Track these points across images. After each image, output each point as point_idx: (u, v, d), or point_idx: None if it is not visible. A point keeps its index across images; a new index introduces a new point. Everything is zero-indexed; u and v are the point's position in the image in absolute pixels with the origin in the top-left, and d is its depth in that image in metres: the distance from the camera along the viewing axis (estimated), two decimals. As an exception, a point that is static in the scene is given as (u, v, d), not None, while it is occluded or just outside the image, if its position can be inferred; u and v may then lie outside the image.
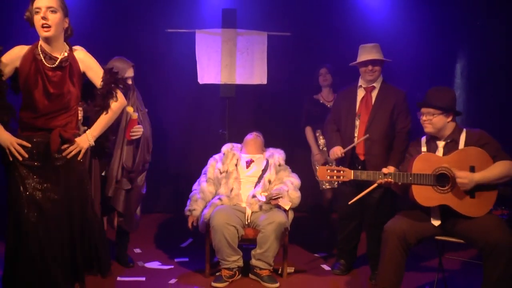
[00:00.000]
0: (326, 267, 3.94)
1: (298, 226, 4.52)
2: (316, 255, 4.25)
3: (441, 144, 3.07)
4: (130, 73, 3.63)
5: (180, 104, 5.63)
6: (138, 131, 3.65)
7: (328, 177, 3.17)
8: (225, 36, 4.78)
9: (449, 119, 3.04)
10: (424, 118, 3.08)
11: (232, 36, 4.77)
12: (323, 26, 5.60)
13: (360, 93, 3.74)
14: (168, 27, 5.01)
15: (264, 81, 4.89)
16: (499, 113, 5.27)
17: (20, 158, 2.61)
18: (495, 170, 2.89)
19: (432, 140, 3.13)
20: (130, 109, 3.52)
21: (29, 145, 2.62)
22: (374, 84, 3.70)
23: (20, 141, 2.62)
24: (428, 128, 3.08)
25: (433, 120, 3.04)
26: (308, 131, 4.81)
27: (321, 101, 4.80)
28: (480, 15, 5.44)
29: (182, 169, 5.54)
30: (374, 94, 3.69)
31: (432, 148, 3.11)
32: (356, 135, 3.66)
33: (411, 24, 5.61)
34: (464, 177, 2.86)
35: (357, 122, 3.68)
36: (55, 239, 2.64)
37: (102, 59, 3.08)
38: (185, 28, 4.98)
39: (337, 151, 3.64)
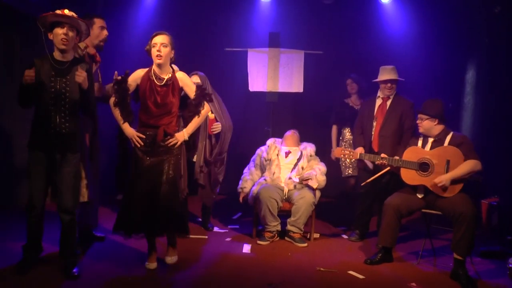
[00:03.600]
0: (344, 236, 4.85)
1: (325, 208, 5.40)
2: (338, 228, 5.14)
3: (430, 140, 4.02)
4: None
5: (234, 107, 6.04)
6: (217, 127, 4.42)
7: (342, 156, 4.23)
8: (271, 54, 5.65)
9: (435, 123, 3.96)
10: (417, 121, 4.06)
11: (276, 54, 5.64)
12: (349, 45, 6.29)
13: (378, 102, 4.65)
14: (226, 46, 5.84)
15: (301, 90, 5.69)
16: (505, 118, 5.63)
17: (138, 145, 3.52)
18: (463, 168, 3.77)
19: (425, 137, 4.07)
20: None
21: (144, 137, 3.52)
22: (390, 96, 4.62)
23: (139, 134, 3.52)
24: (420, 129, 4.06)
25: (422, 123, 4.01)
26: (334, 129, 5.48)
27: (350, 104, 5.46)
28: (486, 31, 5.91)
29: (235, 159, 6.09)
30: (388, 102, 4.61)
31: (424, 142, 4.05)
32: (372, 132, 4.57)
33: (426, 40, 6.21)
34: (441, 181, 3.76)
35: (374, 123, 4.58)
36: (154, 196, 3.47)
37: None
38: (239, 47, 5.82)
39: (358, 151, 4.40)
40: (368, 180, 4.25)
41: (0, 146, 5.05)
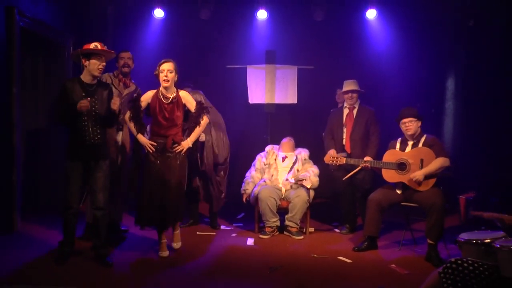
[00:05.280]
0: (336, 230, 5.41)
1: (319, 207, 5.92)
2: (331, 224, 5.67)
3: (410, 143, 4.55)
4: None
5: (236, 118, 6.66)
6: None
7: (330, 161, 4.83)
8: (268, 69, 6.23)
9: (419, 124, 4.49)
10: (407, 124, 4.47)
11: (272, 69, 6.23)
12: (338, 59, 6.80)
13: (345, 111, 5.27)
14: (227, 64, 6.37)
15: (295, 101, 6.24)
16: (482, 119, 6.20)
17: (151, 152, 4.13)
18: (434, 165, 4.32)
19: (403, 141, 4.59)
20: None
21: (155, 144, 4.13)
22: (355, 105, 5.23)
23: (151, 142, 4.13)
24: (410, 131, 4.49)
25: (413, 124, 4.47)
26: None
27: None
28: (462, 42, 6.50)
29: (238, 164, 6.54)
30: (354, 111, 5.23)
31: (404, 145, 4.56)
32: (344, 137, 5.18)
33: (409, 51, 6.71)
34: (415, 175, 4.33)
35: (345, 130, 5.20)
36: (163, 194, 4.08)
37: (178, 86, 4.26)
38: (239, 64, 6.35)
39: (332, 153, 5.05)
40: (347, 176, 4.83)
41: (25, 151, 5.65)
